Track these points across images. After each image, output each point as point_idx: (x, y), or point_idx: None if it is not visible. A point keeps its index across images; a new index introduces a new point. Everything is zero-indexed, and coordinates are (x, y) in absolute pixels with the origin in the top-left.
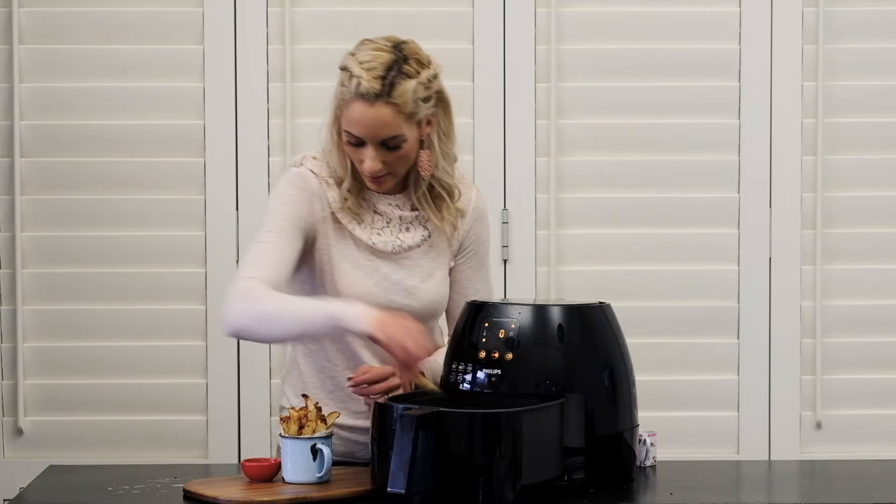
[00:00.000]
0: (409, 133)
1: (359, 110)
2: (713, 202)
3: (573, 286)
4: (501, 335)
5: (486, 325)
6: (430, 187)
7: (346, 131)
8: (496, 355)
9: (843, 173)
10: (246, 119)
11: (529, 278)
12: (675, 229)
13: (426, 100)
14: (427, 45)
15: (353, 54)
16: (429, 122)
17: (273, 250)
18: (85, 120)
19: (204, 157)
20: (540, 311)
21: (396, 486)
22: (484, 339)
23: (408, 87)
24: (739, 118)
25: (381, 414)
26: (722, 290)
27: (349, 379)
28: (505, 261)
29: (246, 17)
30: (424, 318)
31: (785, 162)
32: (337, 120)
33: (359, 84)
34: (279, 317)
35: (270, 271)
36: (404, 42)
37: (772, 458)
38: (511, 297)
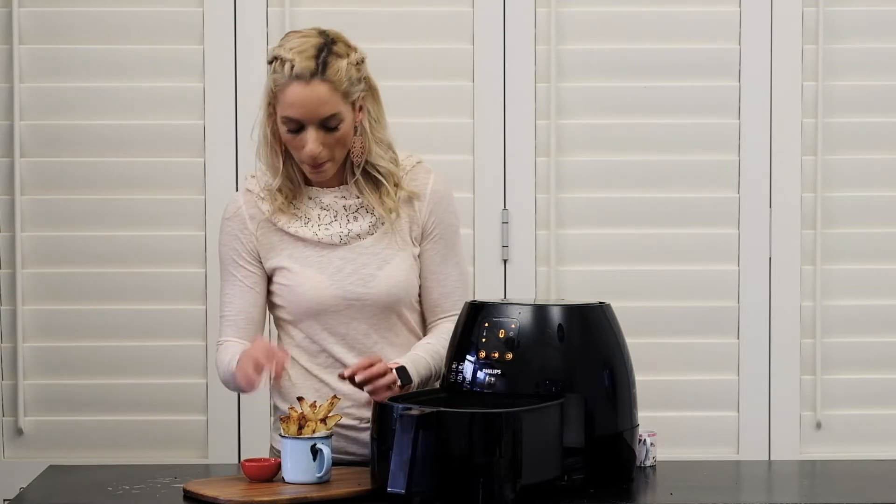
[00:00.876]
0: (346, 114)
1: (296, 91)
2: (713, 202)
3: (573, 286)
4: (501, 335)
5: (486, 325)
6: (368, 174)
7: (283, 118)
8: (496, 355)
9: (843, 173)
10: (246, 119)
11: (529, 278)
12: (675, 229)
13: (358, 81)
14: (427, 45)
15: (280, 46)
16: (360, 108)
17: (233, 304)
18: (85, 120)
19: (204, 157)
20: (540, 311)
21: (396, 485)
22: (484, 339)
23: (340, 65)
24: (739, 118)
25: (382, 414)
26: (722, 290)
27: (348, 378)
28: (505, 261)
29: (246, 17)
30: (386, 306)
31: (785, 162)
32: (270, 118)
33: (292, 66)
34: (225, 382)
35: (237, 329)
36: (328, 29)
37: (772, 458)
38: (511, 297)
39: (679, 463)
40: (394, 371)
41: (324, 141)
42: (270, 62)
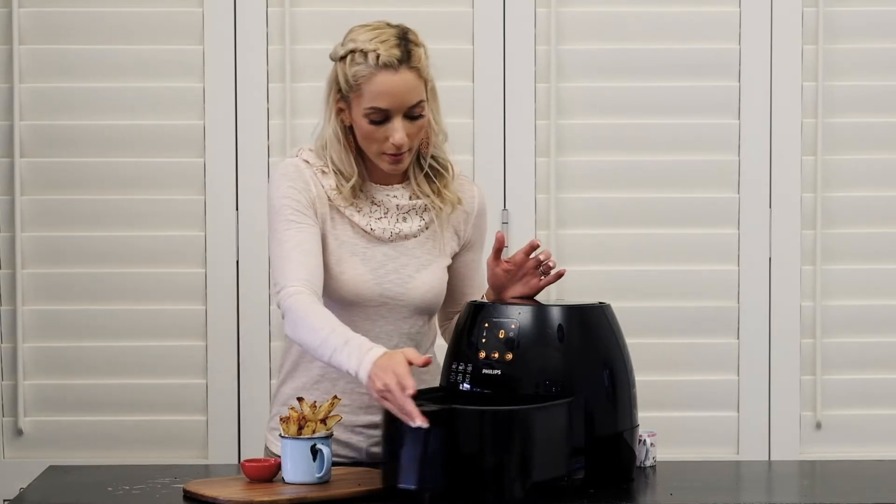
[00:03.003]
0: (425, 102)
1: (385, 80)
2: (713, 202)
3: (573, 286)
4: (501, 335)
5: (486, 325)
6: (429, 167)
7: (370, 109)
8: (496, 355)
9: (843, 173)
10: (246, 119)
11: None
12: (675, 229)
13: (428, 70)
14: (427, 45)
15: (350, 40)
16: (428, 98)
17: (302, 246)
18: (85, 120)
19: (204, 157)
20: (540, 311)
21: (408, 482)
22: (484, 340)
23: (420, 53)
24: (739, 118)
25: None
26: (722, 290)
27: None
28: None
29: (246, 17)
30: (418, 309)
31: (785, 162)
32: (340, 113)
33: (378, 56)
34: (312, 350)
35: (307, 273)
36: (391, 21)
37: (772, 458)
38: None
39: (679, 463)
40: None
41: (408, 130)
42: (343, 57)
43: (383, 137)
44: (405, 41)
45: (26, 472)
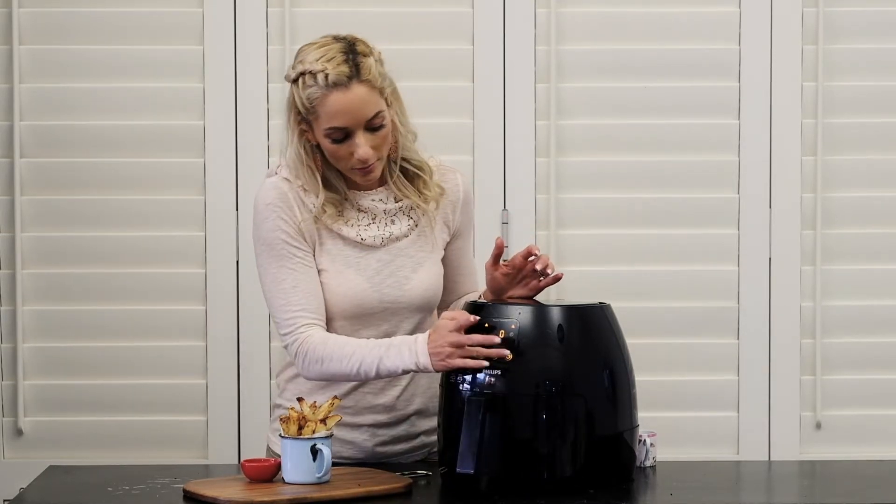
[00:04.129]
0: (385, 110)
1: (338, 99)
2: (713, 202)
3: (573, 286)
4: (501, 335)
5: (486, 325)
6: (404, 170)
7: (329, 129)
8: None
9: (843, 173)
10: (246, 119)
11: None
12: (675, 229)
13: (384, 77)
14: (427, 45)
15: (299, 62)
16: (389, 103)
17: (299, 288)
18: (85, 120)
19: (204, 157)
20: (540, 311)
21: (466, 466)
22: None
23: (370, 63)
24: (739, 118)
25: (448, 397)
26: (722, 291)
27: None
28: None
29: (246, 17)
30: (418, 308)
31: (785, 162)
32: (303, 135)
33: (326, 76)
34: (352, 376)
35: (311, 312)
36: (338, 34)
37: (772, 459)
38: None
39: (679, 463)
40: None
41: (372, 143)
42: (295, 80)
43: (348, 154)
44: (353, 54)
45: (26, 472)
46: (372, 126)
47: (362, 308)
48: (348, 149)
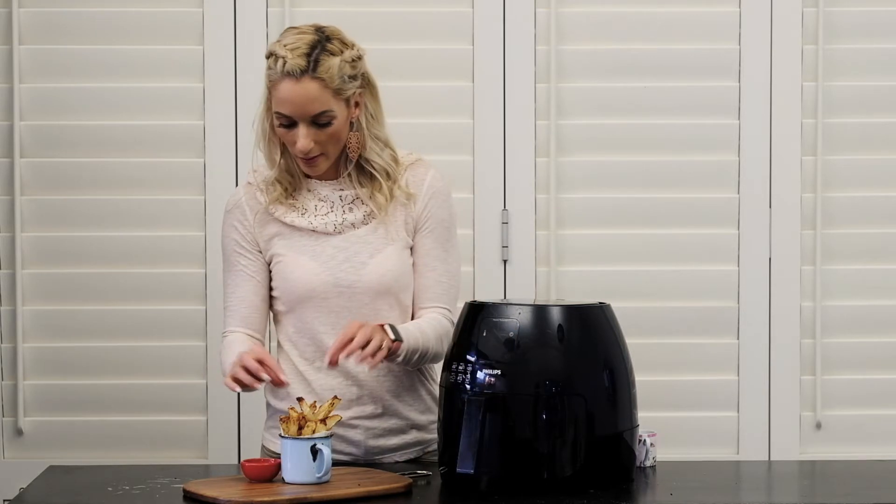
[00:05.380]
0: (339, 111)
1: (287, 88)
2: (713, 202)
3: (573, 287)
4: (501, 335)
5: (486, 325)
6: (363, 169)
7: (276, 113)
8: (496, 356)
9: (843, 173)
10: (246, 119)
11: (529, 279)
12: (675, 229)
13: (352, 78)
14: (427, 45)
15: (277, 42)
16: (356, 104)
17: (235, 294)
18: (85, 120)
19: (204, 157)
20: (540, 311)
21: (466, 466)
22: (484, 340)
23: (332, 63)
24: (739, 118)
25: (448, 397)
26: (722, 290)
27: (333, 363)
28: (505, 261)
29: (246, 17)
30: (377, 293)
31: (785, 162)
32: (268, 111)
33: (284, 63)
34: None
35: (240, 319)
36: (326, 26)
37: (772, 459)
38: (511, 297)
39: (679, 463)
40: (386, 327)
41: (315, 137)
42: (267, 57)
43: (292, 141)
44: (319, 50)
45: (26, 472)
46: (318, 122)
47: (316, 292)
48: (292, 136)
